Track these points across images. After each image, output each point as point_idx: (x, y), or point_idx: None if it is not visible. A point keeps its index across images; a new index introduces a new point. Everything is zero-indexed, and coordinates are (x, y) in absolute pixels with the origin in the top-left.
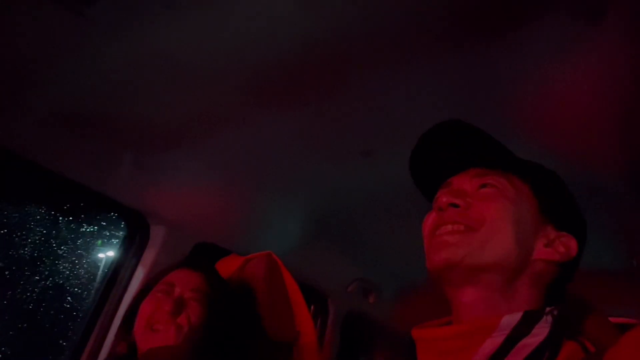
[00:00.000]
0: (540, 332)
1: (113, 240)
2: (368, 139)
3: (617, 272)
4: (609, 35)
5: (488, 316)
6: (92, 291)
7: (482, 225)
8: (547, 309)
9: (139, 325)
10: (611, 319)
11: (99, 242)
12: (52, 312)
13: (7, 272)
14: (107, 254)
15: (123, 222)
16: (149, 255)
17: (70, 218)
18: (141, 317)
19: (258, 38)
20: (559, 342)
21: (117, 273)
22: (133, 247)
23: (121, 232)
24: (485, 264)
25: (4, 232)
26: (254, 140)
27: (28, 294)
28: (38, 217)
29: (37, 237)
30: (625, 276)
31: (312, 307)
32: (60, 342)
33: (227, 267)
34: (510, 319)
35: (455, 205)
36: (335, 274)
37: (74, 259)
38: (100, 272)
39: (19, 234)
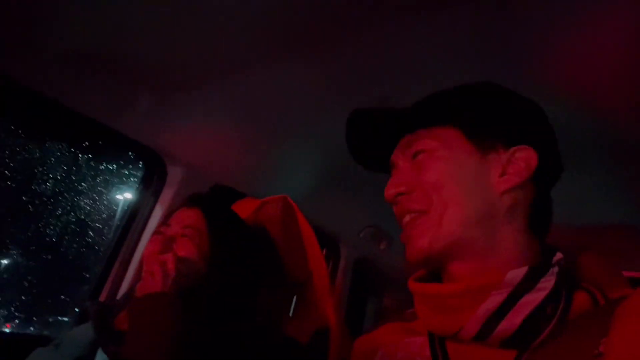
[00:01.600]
0: (545, 285)
1: (132, 178)
2: (384, 87)
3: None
4: None
5: (488, 273)
6: (113, 227)
7: (430, 203)
8: (555, 259)
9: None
10: (625, 273)
11: (117, 181)
12: (74, 245)
13: (30, 206)
14: (125, 194)
15: (141, 162)
16: (166, 195)
17: (90, 156)
18: (143, 262)
19: None
20: (563, 293)
21: (136, 211)
22: (151, 186)
23: (139, 172)
24: (453, 238)
25: (26, 167)
26: (271, 84)
27: (51, 227)
28: (58, 153)
29: (57, 173)
30: None
31: (324, 251)
32: (84, 273)
33: (243, 209)
34: (514, 275)
35: (403, 193)
36: (347, 220)
37: (94, 195)
38: (119, 209)
39: (40, 169)
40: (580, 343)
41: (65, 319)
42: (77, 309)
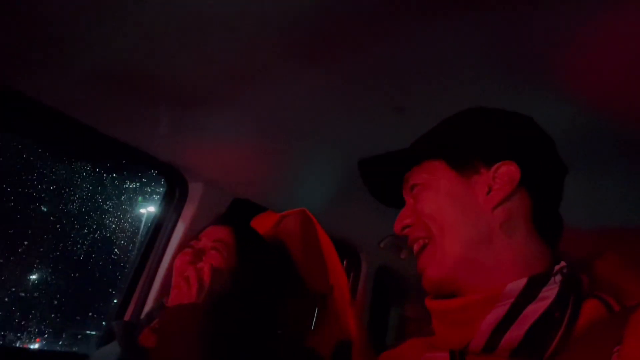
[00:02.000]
0: (548, 294)
1: (154, 196)
2: (400, 96)
3: None
4: None
5: (493, 286)
6: (137, 244)
7: (431, 231)
8: (557, 267)
9: (173, 281)
10: None
11: (140, 198)
12: (100, 262)
13: (58, 226)
14: (148, 210)
15: (163, 179)
16: (188, 211)
17: (114, 175)
18: (174, 273)
19: None
20: (570, 301)
21: (159, 227)
22: (173, 202)
23: (162, 189)
24: (456, 260)
25: (53, 188)
26: (288, 97)
27: (78, 246)
28: (84, 173)
29: (84, 193)
30: None
31: (344, 262)
32: (110, 290)
33: (262, 223)
34: (514, 286)
35: (408, 225)
36: (367, 230)
37: (119, 213)
38: (142, 225)
39: (67, 189)
40: (593, 352)
41: (93, 332)
42: (104, 323)
